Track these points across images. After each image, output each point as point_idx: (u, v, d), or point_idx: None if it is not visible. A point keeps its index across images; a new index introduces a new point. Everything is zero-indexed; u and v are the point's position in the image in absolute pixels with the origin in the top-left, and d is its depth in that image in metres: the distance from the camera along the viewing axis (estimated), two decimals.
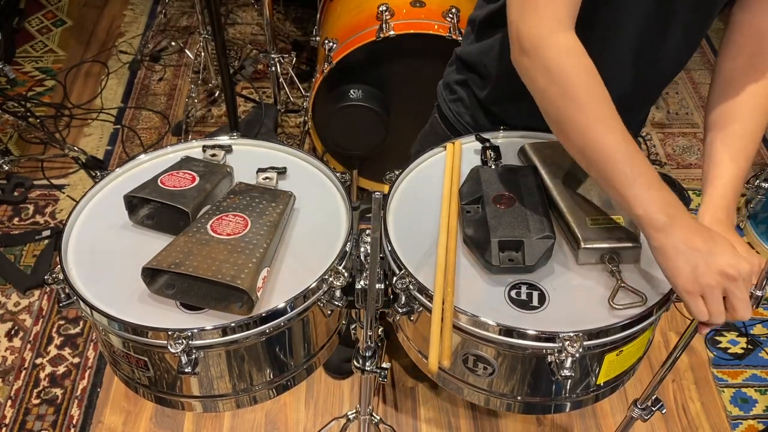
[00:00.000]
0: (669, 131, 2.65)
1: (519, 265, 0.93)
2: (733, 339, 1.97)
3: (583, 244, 0.95)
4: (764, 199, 2.15)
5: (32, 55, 2.89)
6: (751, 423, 1.79)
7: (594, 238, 0.95)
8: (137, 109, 2.67)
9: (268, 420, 1.77)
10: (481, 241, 0.95)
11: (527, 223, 0.95)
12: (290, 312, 0.90)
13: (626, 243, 0.95)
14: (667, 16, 0.99)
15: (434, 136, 1.33)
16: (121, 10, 3.15)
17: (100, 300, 0.91)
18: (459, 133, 1.26)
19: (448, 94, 1.29)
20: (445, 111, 1.30)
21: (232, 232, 0.95)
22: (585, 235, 0.96)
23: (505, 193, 1.01)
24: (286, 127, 2.61)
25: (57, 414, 1.76)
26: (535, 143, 1.11)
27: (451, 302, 0.89)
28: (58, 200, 2.30)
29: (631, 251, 0.96)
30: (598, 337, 0.87)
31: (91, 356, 1.88)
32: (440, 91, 1.32)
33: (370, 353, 1.06)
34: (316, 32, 2.29)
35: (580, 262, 0.97)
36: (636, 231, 0.96)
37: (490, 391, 0.96)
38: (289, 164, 1.12)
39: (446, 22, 1.84)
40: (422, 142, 1.40)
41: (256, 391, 0.98)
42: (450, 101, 1.28)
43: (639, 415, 1.20)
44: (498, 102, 1.18)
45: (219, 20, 1.80)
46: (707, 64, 2.97)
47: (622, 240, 0.95)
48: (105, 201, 1.06)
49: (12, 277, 2.05)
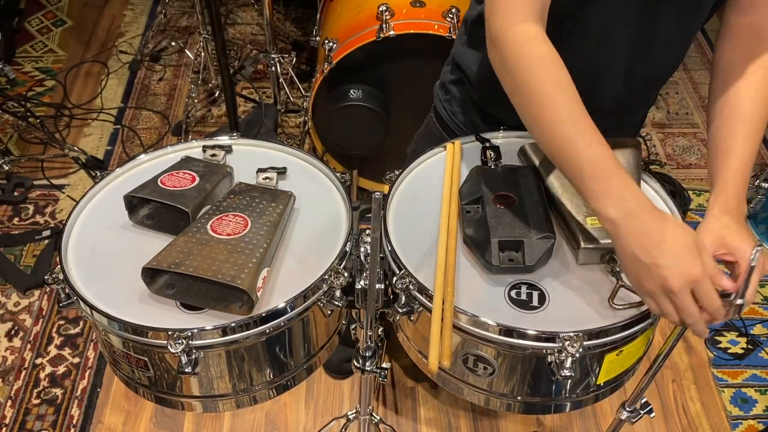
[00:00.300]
0: (669, 131, 2.65)
1: (519, 265, 0.93)
2: (733, 339, 1.97)
3: (583, 244, 0.95)
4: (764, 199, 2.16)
5: (32, 55, 2.89)
6: (751, 423, 1.79)
7: (594, 238, 0.95)
8: (137, 109, 2.67)
9: (268, 420, 1.77)
10: (481, 241, 0.95)
11: (527, 223, 0.95)
12: (290, 312, 0.90)
13: None
14: (654, 19, 1.00)
15: (429, 136, 1.33)
16: (121, 10, 3.15)
17: (100, 300, 0.91)
18: (454, 133, 1.27)
19: (443, 94, 1.29)
20: (440, 110, 1.30)
21: (232, 232, 0.95)
22: (585, 235, 0.96)
23: (505, 193, 1.00)
24: (286, 127, 2.61)
25: (57, 414, 1.76)
26: (535, 143, 1.11)
27: (451, 302, 0.89)
28: (58, 200, 2.30)
29: None
30: (598, 337, 0.87)
31: (91, 356, 1.88)
32: (436, 91, 1.32)
33: (370, 353, 1.06)
34: (316, 32, 2.29)
35: (580, 262, 0.97)
36: None
37: (490, 391, 0.96)
38: (289, 164, 1.12)
39: (446, 22, 1.84)
40: (418, 141, 1.40)
41: (256, 391, 0.98)
42: (445, 101, 1.28)
43: (627, 418, 1.20)
44: (491, 102, 1.18)
45: (219, 20, 1.80)
46: (707, 64, 2.97)
47: None
48: (105, 201, 1.06)
49: (12, 277, 2.05)
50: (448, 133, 1.28)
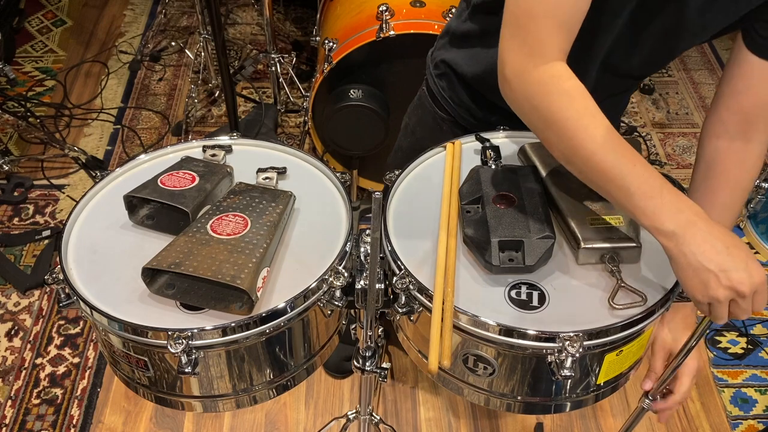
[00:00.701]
0: (669, 131, 2.66)
1: (519, 265, 0.93)
2: (733, 339, 1.97)
3: (583, 244, 0.95)
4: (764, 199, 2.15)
5: (32, 55, 2.90)
6: (751, 423, 1.79)
7: (594, 238, 0.95)
8: (137, 109, 2.67)
9: (268, 420, 1.77)
10: (481, 241, 0.95)
11: (527, 223, 0.95)
12: (290, 312, 0.90)
13: (626, 243, 0.95)
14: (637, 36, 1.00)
15: (421, 109, 1.33)
16: (121, 10, 3.15)
17: (100, 300, 0.91)
18: (444, 109, 1.27)
19: (434, 69, 1.28)
20: (431, 85, 1.29)
21: (232, 232, 0.95)
22: (585, 235, 0.96)
23: (505, 193, 1.00)
24: (286, 127, 2.61)
25: (57, 414, 1.76)
26: (535, 143, 1.11)
27: (452, 302, 0.89)
28: (58, 200, 2.30)
29: (631, 251, 0.96)
30: (598, 337, 0.87)
31: (91, 356, 1.88)
32: (428, 64, 1.31)
33: (370, 353, 1.06)
34: (316, 32, 2.29)
35: (580, 262, 0.97)
36: (636, 231, 0.96)
37: (490, 391, 0.96)
38: (289, 164, 1.12)
39: (446, 22, 1.83)
40: (410, 114, 1.39)
41: (256, 391, 0.98)
42: (436, 76, 1.27)
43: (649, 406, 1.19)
44: (483, 84, 1.17)
45: (219, 20, 1.80)
46: (707, 64, 2.97)
47: (622, 240, 0.95)
48: (105, 201, 1.06)
49: (12, 277, 2.05)
50: (438, 107, 1.27)
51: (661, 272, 0.95)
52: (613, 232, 0.96)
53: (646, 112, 2.73)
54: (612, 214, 0.99)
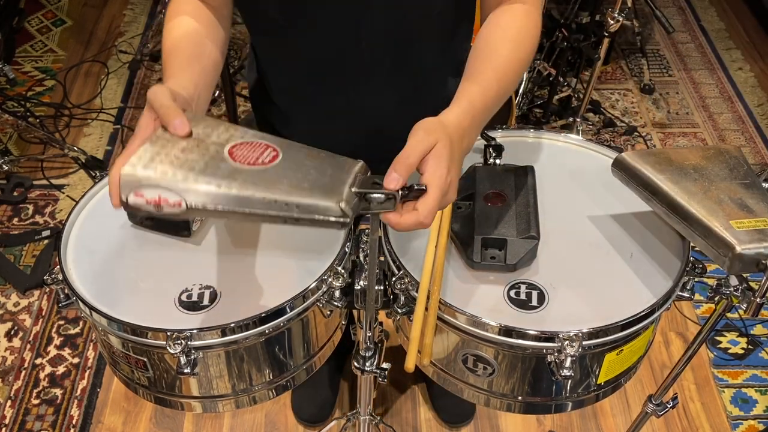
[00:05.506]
0: (669, 131, 2.65)
1: (500, 263, 0.93)
2: (733, 339, 1.97)
3: (739, 248, 0.84)
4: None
5: (32, 55, 2.89)
6: (751, 423, 1.79)
7: (747, 240, 0.85)
8: (137, 109, 2.67)
9: (268, 420, 1.77)
10: (465, 236, 0.94)
11: (514, 223, 0.95)
12: (290, 312, 0.90)
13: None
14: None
15: None
16: (121, 10, 3.15)
17: (99, 300, 0.91)
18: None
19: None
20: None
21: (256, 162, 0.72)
22: (737, 238, 0.85)
23: (498, 191, 1.00)
24: None
25: (57, 414, 1.76)
26: (635, 152, 1.00)
27: (437, 300, 0.88)
28: (57, 200, 2.30)
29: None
30: (597, 337, 0.87)
31: (90, 356, 1.88)
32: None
33: (369, 353, 1.06)
34: None
35: (733, 272, 0.87)
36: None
37: (490, 391, 0.96)
38: None
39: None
40: None
41: (256, 391, 0.98)
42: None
43: (653, 411, 1.19)
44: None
45: None
46: (707, 64, 2.96)
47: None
48: (105, 201, 1.06)
49: (12, 277, 2.05)
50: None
51: (660, 271, 0.95)
52: (753, 234, 0.86)
53: (647, 112, 2.73)
54: (752, 217, 0.89)
